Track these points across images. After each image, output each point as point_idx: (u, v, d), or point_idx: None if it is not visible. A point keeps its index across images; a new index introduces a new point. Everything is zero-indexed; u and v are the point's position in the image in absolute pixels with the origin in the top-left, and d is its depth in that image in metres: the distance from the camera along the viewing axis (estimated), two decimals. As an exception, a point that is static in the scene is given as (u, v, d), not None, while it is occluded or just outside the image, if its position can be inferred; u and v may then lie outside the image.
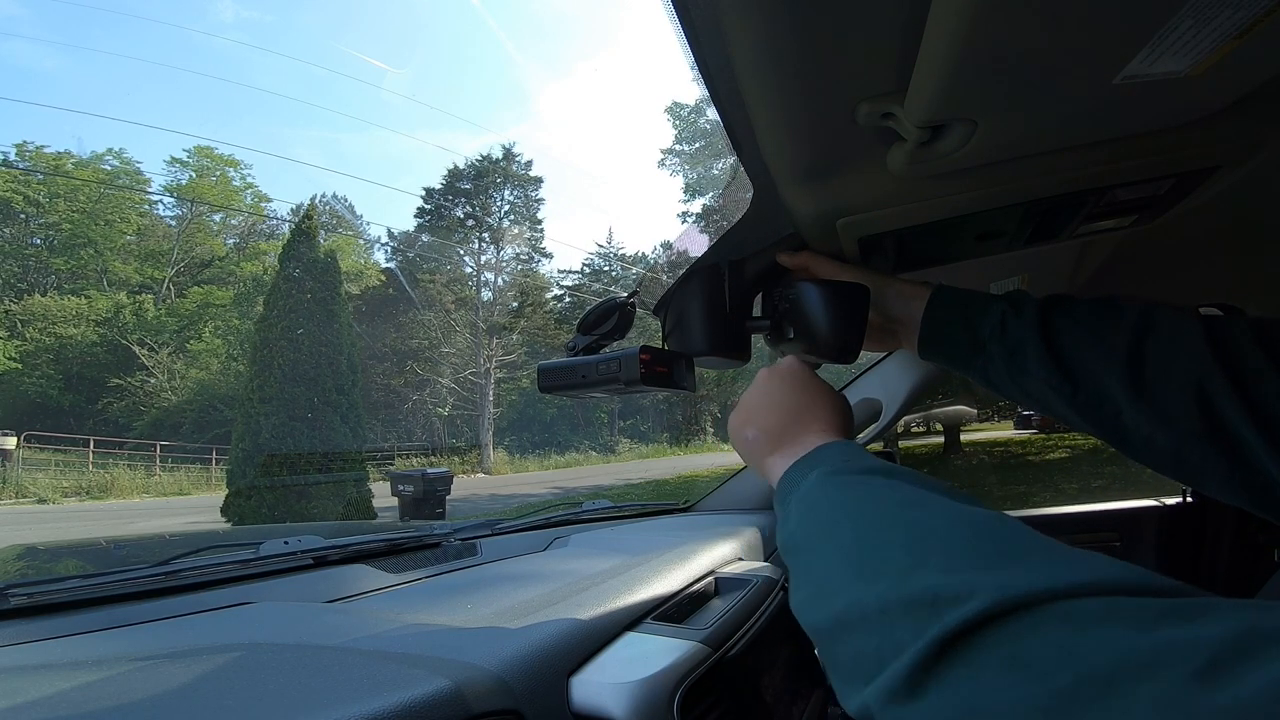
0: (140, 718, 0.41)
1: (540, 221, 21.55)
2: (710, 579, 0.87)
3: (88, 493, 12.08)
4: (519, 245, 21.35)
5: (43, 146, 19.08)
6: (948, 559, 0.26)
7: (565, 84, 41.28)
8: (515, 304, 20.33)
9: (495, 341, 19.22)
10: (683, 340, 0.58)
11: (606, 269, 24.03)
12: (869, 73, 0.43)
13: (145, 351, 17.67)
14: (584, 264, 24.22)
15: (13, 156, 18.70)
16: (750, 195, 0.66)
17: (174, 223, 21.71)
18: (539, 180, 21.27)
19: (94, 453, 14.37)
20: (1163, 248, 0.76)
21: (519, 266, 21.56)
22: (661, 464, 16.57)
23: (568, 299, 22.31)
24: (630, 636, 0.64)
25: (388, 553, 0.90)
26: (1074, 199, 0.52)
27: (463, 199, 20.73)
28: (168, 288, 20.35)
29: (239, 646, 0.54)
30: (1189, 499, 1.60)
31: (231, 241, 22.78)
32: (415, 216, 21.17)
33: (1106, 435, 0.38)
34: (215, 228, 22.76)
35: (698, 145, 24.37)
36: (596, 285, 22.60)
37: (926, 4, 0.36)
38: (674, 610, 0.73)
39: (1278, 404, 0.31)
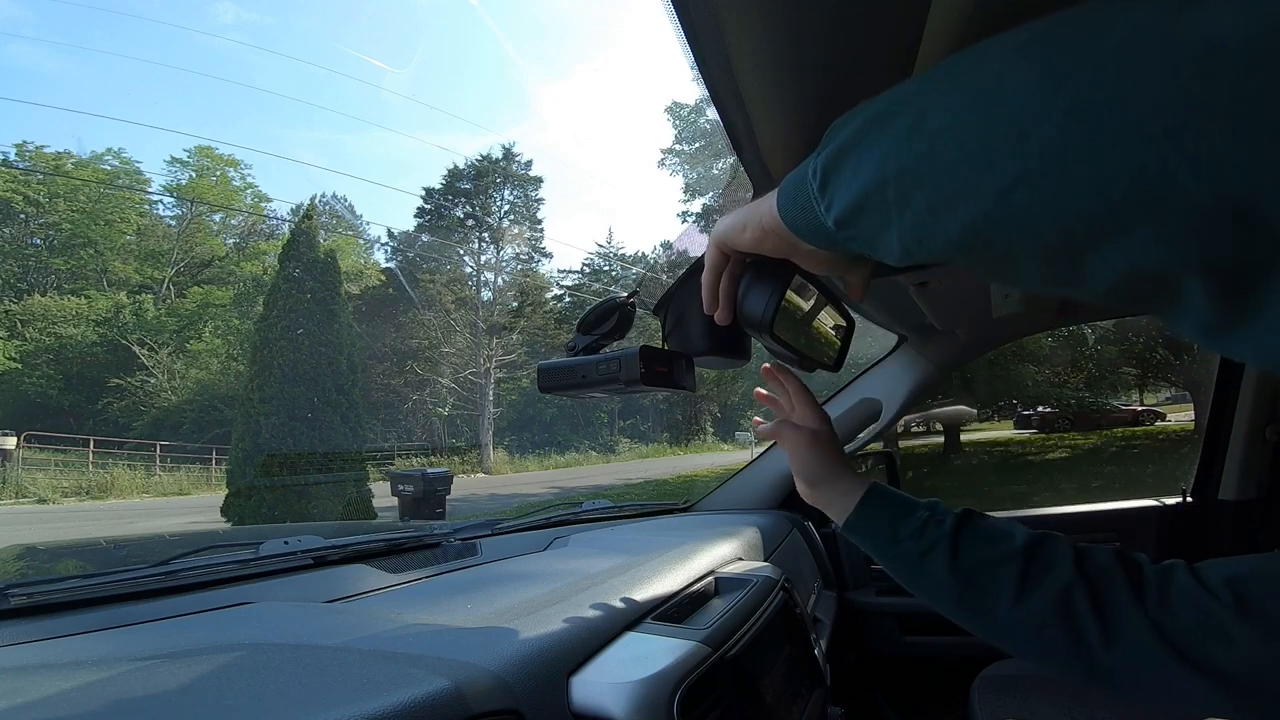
0: (140, 718, 0.41)
1: (540, 221, 21.59)
2: (710, 579, 0.87)
3: (88, 493, 12.08)
4: (519, 245, 21.38)
5: (43, 146, 19.09)
6: None
7: (565, 84, 41.30)
8: (515, 304, 20.34)
9: (495, 341, 19.23)
10: (683, 340, 0.58)
11: (606, 269, 24.04)
12: (869, 72, 0.43)
13: (145, 351, 17.66)
14: (584, 264, 24.25)
15: (13, 156, 18.71)
16: (750, 195, 0.66)
17: (174, 223, 21.71)
18: (539, 180, 21.31)
19: (94, 453, 14.36)
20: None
21: (519, 266, 21.60)
22: (661, 464, 16.57)
23: (568, 299, 22.32)
24: (630, 636, 0.64)
25: (388, 553, 0.90)
26: None
27: (463, 199, 20.74)
28: (168, 288, 20.35)
29: (239, 646, 0.54)
30: (1189, 499, 1.60)
31: (231, 241, 22.77)
32: (415, 216, 21.20)
33: (975, 622, 0.48)
34: (215, 228, 22.76)
35: (698, 145, 24.37)
36: (596, 285, 22.59)
37: (926, 4, 0.36)
38: (674, 610, 0.73)
39: (1115, 611, 0.42)
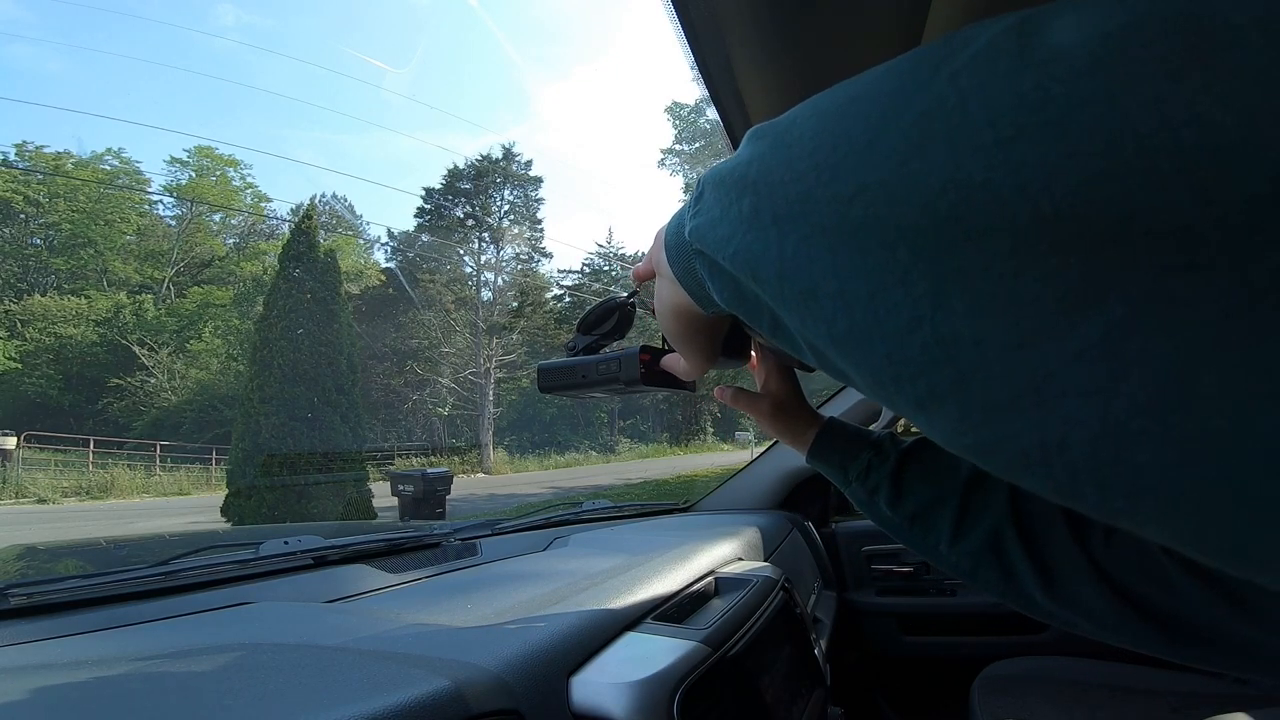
0: (140, 718, 0.41)
1: (540, 221, 21.57)
2: (710, 579, 0.87)
3: (88, 493, 12.07)
4: (519, 245, 21.37)
5: (43, 146, 19.13)
6: None
7: (565, 84, 41.32)
8: (515, 304, 20.33)
9: (495, 341, 19.22)
10: None
11: (606, 269, 24.02)
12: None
13: (145, 351, 17.66)
14: (584, 264, 24.25)
15: (13, 156, 18.73)
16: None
17: (174, 223, 21.75)
18: (539, 180, 21.29)
19: (94, 453, 14.36)
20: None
21: (519, 266, 21.58)
22: (661, 464, 16.56)
23: (568, 299, 22.32)
24: (630, 636, 0.64)
25: (388, 553, 0.90)
26: None
27: (463, 199, 20.73)
28: (168, 288, 20.35)
29: (239, 646, 0.54)
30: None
31: (231, 241, 22.79)
32: (415, 216, 21.18)
33: (927, 556, 0.49)
34: (215, 228, 22.78)
35: (698, 145, 24.40)
36: (596, 285, 22.59)
37: (926, 5, 0.36)
38: (674, 610, 0.73)
39: (1052, 550, 0.41)
